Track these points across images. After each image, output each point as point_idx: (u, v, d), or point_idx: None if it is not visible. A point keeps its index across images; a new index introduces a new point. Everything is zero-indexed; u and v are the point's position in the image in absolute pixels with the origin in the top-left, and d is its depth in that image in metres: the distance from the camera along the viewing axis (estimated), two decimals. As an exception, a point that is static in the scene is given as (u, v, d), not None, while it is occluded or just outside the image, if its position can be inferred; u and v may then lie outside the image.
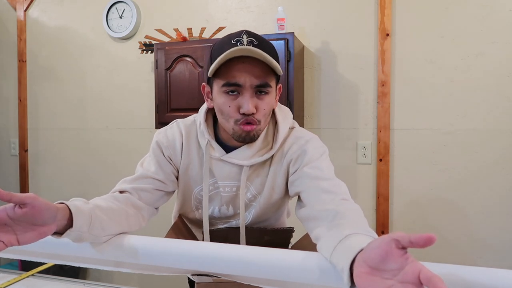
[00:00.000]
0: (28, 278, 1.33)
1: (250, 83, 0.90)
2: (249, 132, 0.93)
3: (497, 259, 1.93)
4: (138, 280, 2.61)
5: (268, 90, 0.93)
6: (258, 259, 0.48)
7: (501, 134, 1.91)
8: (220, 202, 1.08)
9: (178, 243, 0.51)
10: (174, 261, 0.50)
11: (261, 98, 0.93)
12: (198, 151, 1.05)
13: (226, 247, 0.49)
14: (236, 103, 0.92)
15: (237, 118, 0.93)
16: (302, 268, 0.48)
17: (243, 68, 0.90)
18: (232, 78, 0.90)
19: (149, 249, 0.51)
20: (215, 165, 1.03)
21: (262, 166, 1.03)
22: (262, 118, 0.95)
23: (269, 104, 0.95)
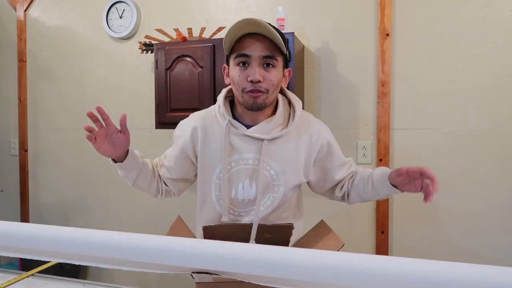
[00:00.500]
0: (28, 278, 1.33)
1: (258, 54, 1.04)
2: (256, 99, 1.07)
3: (497, 259, 1.93)
4: (138, 280, 2.61)
5: (274, 63, 1.07)
6: (261, 257, 0.48)
7: (501, 134, 1.91)
8: (243, 178, 1.14)
9: (179, 241, 0.51)
10: (174, 258, 0.49)
11: (268, 70, 1.07)
12: (218, 132, 1.16)
13: (227, 245, 0.49)
14: (245, 73, 1.06)
15: (245, 86, 1.07)
16: (308, 265, 0.48)
17: (252, 42, 1.05)
18: (242, 49, 1.05)
19: (149, 246, 0.51)
20: (237, 141, 1.13)
21: (284, 144, 1.14)
22: (270, 88, 1.08)
23: (276, 77, 1.08)
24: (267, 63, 1.06)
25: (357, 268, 0.47)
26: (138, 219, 2.57)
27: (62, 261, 0.57)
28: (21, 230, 0.61)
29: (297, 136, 1.15)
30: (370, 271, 0.47)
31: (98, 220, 2.69)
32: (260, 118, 1.14)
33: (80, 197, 2.73)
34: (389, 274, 0.46)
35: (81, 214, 2.74)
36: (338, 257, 0.49)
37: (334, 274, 0.47)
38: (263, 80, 1.05)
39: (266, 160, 1.12)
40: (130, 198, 2.59)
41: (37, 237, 0.58)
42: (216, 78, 2.02)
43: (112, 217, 2.66)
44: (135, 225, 2.57)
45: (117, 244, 0.52)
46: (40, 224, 0.61)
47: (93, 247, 0.53)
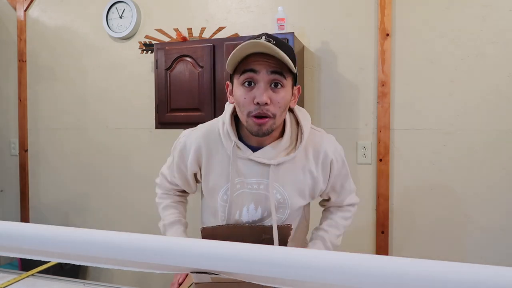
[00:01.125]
0: (28, 278, 1.33)
1: (266, 69, 0.95)
2: (262, 125, 0.97)
3: (497, 258, 1.93)
4: (138, 280, 2.61)
5: (283, 83, 0.97)
6: (262, 257, 0.48)
7: (501, 134, 1.91)
8: (248, 201, 1.10)
9: (179, 241, 0.51)
10: (174, 258, 0.50)
11: (276, 91, 0.97)
12: (221, 153, 1.09)
13: (227, 245, 0.49)
14: (251, 94, 0.96)
15: (251, 109, 0.97)
16: (308, 265, 0.48)
17: (259, 58, 0.95)
18: (248, 65, 0.96)
19: (149, 246, 0.51)
20: (242, 165, 1.07)
21: (291, 167, 1.08)
22: (278, 112, 0.98)
23: (284, 98, 0.98)
24: (275, 82, 0.97)
25: (357, 268, 0.47)
26: (138, 218, 2.57)
27: (62, 261, 0.57)
28: (21, 230, 0.61)
29: (305, 157, 1.10)
30: (370, 271, 0.47)
31: (98, 220, 2.69)
32: (267, 141, 1.07)
33: (80, 197, 2.73)
34: (389, 274, 0.46)
35: (81, 214, 2.74)
36: (338, 257, 0.49)
37: (334, 274, 0.47)
38: (270, 103, 0.96)
39: (273, 184, 1.08)
40: (130, 198, 2.59)
41: (37, 237, 0.58)
42: (216, 78, 2.02)
43: (112, 217, 2.66)
44: (135, 225, 2.57)
45: (117, 244, 0.52)
46: (40, 224, 0.61)
47: (93, 247, 0.54)
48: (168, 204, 1.28)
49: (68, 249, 0.54)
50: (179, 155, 1.17)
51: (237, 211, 1.11)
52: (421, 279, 0.45)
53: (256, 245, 0.49)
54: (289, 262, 0.48)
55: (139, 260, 0.50)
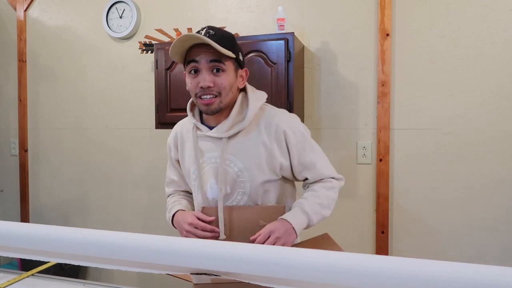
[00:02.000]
0: (28, 278, 1.33)
1: (205, 59, 1.11)
2: (209, 105, 1.13)
3: (498, 259, 1.93)
4: (138, 280, 2.61)
5: (223, 67, 1.13)
6: (262, 257, 0.48)
7: (501, 134, 1.91)
8: (209, 177, 1.21)
9: (179, 241, 0.51)
10: (175, 258, 0.49)
11: (217, 75, 1.13)
12: (190, 136, 1.25)
13: (228, 245, 0.49)
14: (196, 80, 1.14)
15: (197, 91, 1.14)
16: (308, 265, 0.48)
17: (199, 50, 1.12)
18: (190, 56, 1.14)
19: (149, 246, 0.51)
20: (202, 143, 1.22)
21: (245, 140, 1.18)
22: (222, 91, 1.13)
23: (226, 80, 1.14)
24: (216, 68, 1.12)
25: (357, 268, 0.47)
26: (138, 219, 2.57)
27: (62, 261, 0.57)
28: (21, 230, 0.61)
29: (257, 131, 1.18)
30: (370, 271, 0.47)
31: (98, 220, 2.69)
32: (222, 119, 1.20)
33: (80, 197, 2.73)
34: (389, 274, 0.46)
35: (81, 214, 2.74)
36: (338, 257, 0.49)
37: (334, 274, 0.47)
38: (213, 85, 1.12)
39: (228, 157, 1.18)
40: (130, 198, 2.59)
41: (37, 237, 0.58)
42: (216, 78, 2.02)
43: (112, 217, 2.66)
44: (135, 225, 2.57)
45: (117, 244, 0.52)
46: (40, 224, 0.61)
47: (93, 247, 0.54)
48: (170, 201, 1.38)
49: (68, 249, 0.54)
50: (168, 149, 1.35)
51: (203, 188, 1.23)
52: (421, 279, 0.45)
53: (257, 245, 0.49)
54: (289, 262, 0.48)
55: (139, 260, 0.50)
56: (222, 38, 1.12)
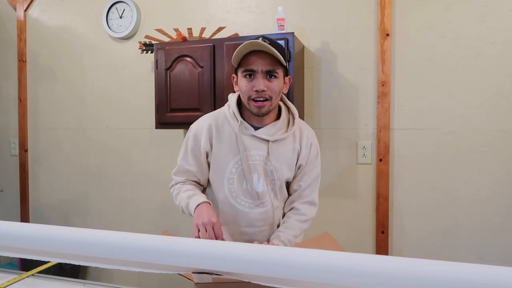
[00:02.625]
0: (28, 278, 1.33)
1: (261, 68, 1.24)
2: (261, 108, 1.26)
3: (498, 258, 1.93)
4: (138, 280, 2.61)
5: (276, 75, 1.26)
6: (262, 257, 0.48)
7: (501, 134, 1.91)
8: (253, 172, 1.31)
9: (179, 241, 0.51)
10: (175, 258, 0.49)
11: (271, 81, 1.26)
12: (229, 131, 1.33)
13: (228, 245, 0.49)
14: (251, 84, 1.26)
15: (250, 94, 1.26)
16: (308, 265, 0.48)
17: (256, 59, 1.24)
18: (249, 65, 1.25)
19: (150, 246, 0.51)
20: (246, 140, 1.31)
21: (284, 145, 1.33)
22: (274, 95, 1.27)
23: (278, 86, 1.28)
24: (270, 74, 1.25)
25: (357, 268, 0.47)
26: (138, 219, 2.57)
27: (62, 261, 0.57)
28: (21, 230, 0.61)
29: (293, 138, 1.36)
30: (370, 271, 0.47)
31: (98, 220, 2.69)
32: (266, 121, 1.33)
33: (80, 197, 2.73)
34: (389, 274, 0.46)
35: (81, 214, 2.74)
36: (338, 257, 0.49)
37: (334, 274, 0.47)
38: (266, 90, 1.25)
39: (270, 158, 1.32)
40: (130, 198, 2.59)
41: (37, 237, 0.58)
42: (216, 78, 2.02)
43: (112, 217, 2.66)
44: (135, 225, 2.57)
45: (117, 244, 0.52)
46: (40, 224, 0.61)
47: (93, 247, 0.54)
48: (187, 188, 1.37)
49: (68, 249, 0.54)
50: (194, 140, 1.37)
51: (243, 181, 1.32)
52: (421, 279, 0.45)
53: (258, 245, 0.49)
54: (289, 262, 0.48)
55: (139, 260, 0.50)
56: (278, 46, 1.25)
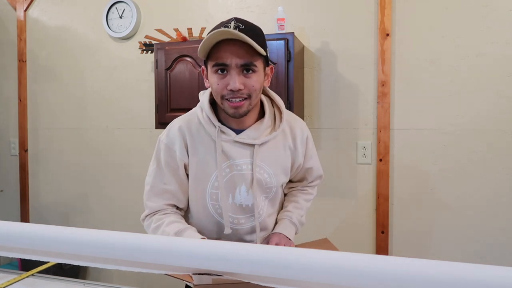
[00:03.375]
0: (28, 278, 1.33)
1: (235, 62, 0.99)
2: (238, 108, 1.03)
3: (498, 258, 1.93)
4: (138, 280, 2.61)
5: (254, 69, 1.02)
6: (262, 257, 0.48)
7: (501, 134, 1.91)
8: (239, 183, 1.11)
9: (180, 241, 0.51)
10: (176, 258, 0.50)
11: (248, 76, 1.02)
12: (206, 139, 1.10)
13: (229, 245, 0.49)
14: (224, 81, 1.01)
15: (224, 94, 1.02)
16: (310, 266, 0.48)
17: (229, 49, 0.99)
18: (219, 59, 1.00)
19: (148, 246, 0.51)
20: (228, 147, 1.09)
21: (274, 146, 1.13)
22: (253, 93, 1.03)
23: (258, 81, 1.04)
24: (246, 68, 1.01)
25: (357, 268, 0.47)
26: (138, 219, 2.57)
27: (62, 262, 0.57)
28: (21, 230, 0.61)
29: (283, 136, 1.16)
30: (370, 271, 0.47)
31: (98, 220, 2.69)
32: (247, 122, 1.10)
33: (80, 197, 2.73)
34: (389, 274, 0.46)
35: (81, 214, 2.74)
36: (338, 257, 0.49)
37: (334, 274, 0.47)
38: (243, 88, 1.01)
39: (259, 164, 1.11)
40: (130, 198, 2.59)
41: (37, 237, 0.58)
42: (216, 78, 2.02)
43: (112, 217, 2.66)
44: (135, 225, 2.57)
45: (117, 244, 0.52)
46: (40, 224, 0.61)
47: (93, 247, 0.54)
48: (170, 219, 1.13)
49: (68, 249, 0.54)
50: (166, 152, 1.12)
51: (229, 194, 1.12)
52: (421, 279, 0.45)
53: (258, 245, 0.49)
54: (290, 262, 0.48)
55: (139, 260, 0.50)
56: (254, 33, 1.00)
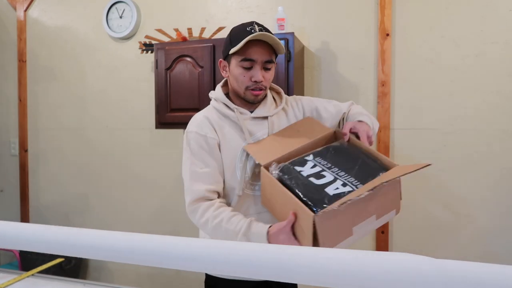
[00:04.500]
0: (28, 278, 1.34)
1: (261, 59, 1.22)
2: (257, 95, 1.26)
3: (497, 258, 1.93)
4: (138, 280, 2.61)
5: (272, 66, 1.27)
6: (263, 256, 0.48)
7: (501, 134, 1.91)
8: None
9: (178, 241, 0.51)
10: (176, 259, 0.50)
11: (267, 71, 1.26)
12: (226, 123, 1.28)
13: (229, 244, 0.49)
14: (249, 74, 1.23)
15: (249, 85, 1.24)
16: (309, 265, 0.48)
17: (257, 49, 1.22)
18: (249, 55, 1.22)
19: (151, 247, 0.51)
20: (248, 124, 1.29)
21: (279, 119, 1.33)
22: (268, 85, 1.29)
23: (272, 75, 1.29)
24: (266, 66, 1.24)
25: (357, 267, 0.47)
26: (139, 219, 2.57)
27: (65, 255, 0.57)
28: (21, 230, 0.61)
29: (285, 111, 1.37)
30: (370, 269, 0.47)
31: (98, 220, 2.69)
32: (255, 105, 1.31)
33: (80, 197, 2.73)
34: (389, 273, 0.46)
35: (81, 214, 2.74)
36: (338, 257, 0.49)
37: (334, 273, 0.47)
38: (263, 80, 1.24)
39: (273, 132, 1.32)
40: (131, 198, 2.59)
41: (37, 237, 0.58)
42: (216, 78, 2.02)
43: (112, 217, 2.66)
44: (135, 225, 2.57)
45: (118, 244, 0.52)
46: (40, 224, 0.61)
47: (93, 248, 0.54)
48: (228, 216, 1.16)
49: (68, 249, 0.54)
50: (198, 139, 1.25)
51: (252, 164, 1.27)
52: (422, 278, 0.45)
53: (258, 245, 0.49)
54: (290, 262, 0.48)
55: (140, 262, 0.50)
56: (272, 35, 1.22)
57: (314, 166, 1.11)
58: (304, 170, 1.10)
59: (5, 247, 0.61)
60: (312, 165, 1.12)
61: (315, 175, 1.07)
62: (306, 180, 1.06)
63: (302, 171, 1.10)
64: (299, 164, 1.13)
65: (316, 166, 1.11)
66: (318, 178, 1.06)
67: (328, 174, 1.08)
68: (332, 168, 1.10)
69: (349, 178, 1.07)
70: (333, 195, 1.00)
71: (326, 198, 0.99)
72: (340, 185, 1.03)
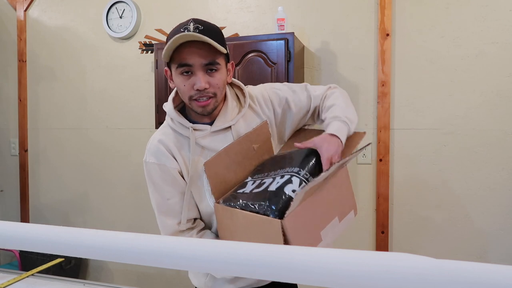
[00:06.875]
0: (28, 278, 1.34)
1: (199, 62, 1.03)
2: (205, 106, 1.07)
3: (497, 258, 1.93)
4: (138, 280, 2.61)
5: (217, 67, 1.06)
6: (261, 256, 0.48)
7: (501, 134, 1.91)
8: None
9: (178, 241, 0.51)
10: (176, 259, 0.50)
11: (212, 75, 1.05)
12: (187, 143, 1.11)
13: (229, 244, 0.49)
14: (190, 82, 1.05)
15: (191, 94, 1.05)
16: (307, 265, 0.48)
17: (191, 51, 1.03)
18: (183, 60, 1.03)
19: (148, 246, 0.51)
20: (209, 142, 1.11)
21: (246, 122, 1.16)
22: (217, 91, 1.07)
23: (221, 80, 1.08)
24: (210, 68, 1.05)
25: (357, 267, 0.47)
26: (139, 219, 2.57)
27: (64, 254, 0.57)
28: (21, 230, 0.61)
29: (252, 109, 1.18)
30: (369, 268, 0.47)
31: (98, 220, 2.69)
32: (215, 114, 1.13)
33: (80, 197, 2.73)
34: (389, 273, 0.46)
35: (81, 214, 2.74)
36: (338, 257, 0.49)
37: (334, 274, 0.47)
38: (209, 86, 1.04)
39: None
40: (130, 198, 2.59)
41: (37, 237, 0.58)
42: (216, 78, 2.02)
43: (112, 217, 2.66)
44: (135, 225, 2.57)
45: (118, 244, 0.52)
46: (40, 224, 0.61)
47: (93, 248, 0.54)
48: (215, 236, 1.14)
49: (68, 249, 0.54)
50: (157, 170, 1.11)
51: None
52: (422, 278, 0.45)
53: (258, 244, 0.49)
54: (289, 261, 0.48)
55: (140, 262, 0.50)
56: (214, 32, 1.04)
57: (254, 182, 1.05)
58: (246, 189, 1.03)
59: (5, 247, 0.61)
60: (252, 182, 1.05)
61: (256, 187, 1.02)
62: (251, 194, 1.01)
63: (245, 191, 1.03)
64: (240, 188, 1.05)
65: (256, 181, 1.05)
66: (259, 187, 1.01)
67: (267, 179, 1.03)
68: (269, 174, 1.05)
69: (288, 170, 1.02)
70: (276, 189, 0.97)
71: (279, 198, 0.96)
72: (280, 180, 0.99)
